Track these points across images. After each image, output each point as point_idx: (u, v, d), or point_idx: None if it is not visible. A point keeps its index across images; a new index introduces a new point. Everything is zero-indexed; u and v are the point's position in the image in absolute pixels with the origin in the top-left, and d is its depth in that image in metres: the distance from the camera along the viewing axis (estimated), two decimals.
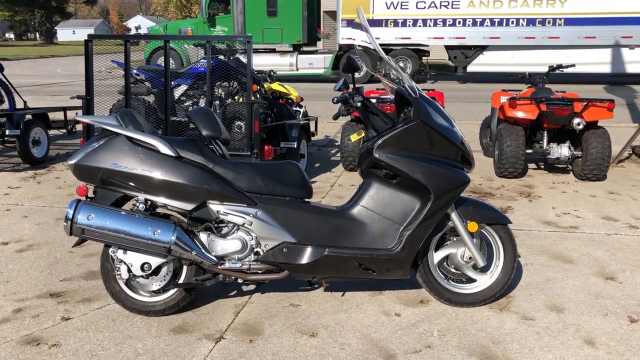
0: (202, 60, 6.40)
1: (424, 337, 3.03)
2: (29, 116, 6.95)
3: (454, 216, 3.22)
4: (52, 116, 7.57)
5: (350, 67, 3.29)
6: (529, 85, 7.05)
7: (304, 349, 2.91)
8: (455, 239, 3.35)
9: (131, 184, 3.02)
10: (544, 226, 4.82)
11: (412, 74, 6.77)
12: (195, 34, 17.44)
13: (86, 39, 5.67)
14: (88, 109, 5.69)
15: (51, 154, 7.47)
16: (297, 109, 7.64)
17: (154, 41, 17.33)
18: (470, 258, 3.31)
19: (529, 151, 6.49)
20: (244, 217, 3.07)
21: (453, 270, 3.39)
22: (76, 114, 8.02)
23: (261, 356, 2.84)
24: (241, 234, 3.12)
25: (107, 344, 2.94)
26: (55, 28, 76.94)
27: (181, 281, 3.17)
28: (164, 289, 3.17)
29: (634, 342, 2.98)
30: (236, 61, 6.25)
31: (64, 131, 8.16)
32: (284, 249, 3.11)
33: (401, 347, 2.92)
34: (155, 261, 3.08)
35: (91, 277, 3.76)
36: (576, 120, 6.06)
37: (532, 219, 5.00)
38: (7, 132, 6.52)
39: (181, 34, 17.88)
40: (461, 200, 3.30)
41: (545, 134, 6.49)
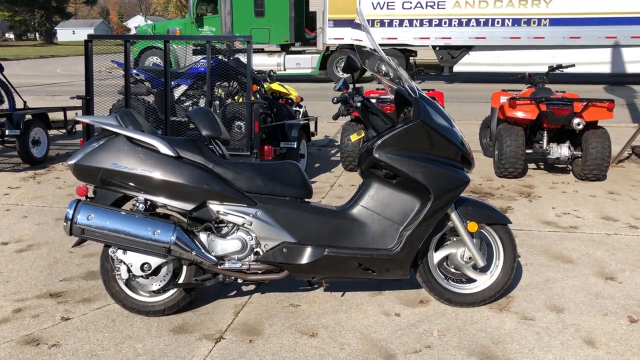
0: (202, 61, 6.40)
1: (423, 337, 3.03)
2: (28, 116, 6.95)
3: (453, 216, 3.22)
4: (52, 116, 7.57)
5: (350, 67, 3.29)
6: (529, 85, 7.05)
7: (304, 349, 2.91)
8: (455, 239, 3.34)
9: (131, 184, 3.02)
10: (544, 226, 4.82)
11: (411, 74, 6.77)
12: (183, 34, 17.44)
13: (86, 39, 5.68)
14: (88, 109, 5.69)
15: (51, 154, 7.46)
16: (297, 109, 7.63)
17: (142, 41, 17.32)
18: (470, 258, 3.31)
19: (528, 151, 6.49)
20: (243, 217, 3.07)
21: (453, 271, 3.39)
22: (76, 114, 8.02)
23: (261, 356, 2.84)
24: (241, 234, 3.12)
25: (107, 344, 2.94)
26: (55, 28, 76.94)
27: (181, 281, 3.17)
28: (163, 289, 3.17)
29: (633, 342, 2.98)
30: (236, 61, 6.25)
31: (64, 131, 8.17)
32: (284, 249, 3.11)
33: (401, 347, 2.92)
34: (155, 261, 3.08)
35: (91, 277, 3.76)
36: (576, 120, 6.06)
37: (532, 219, 5.00)
38: (7, 132, 6.52)
39: (169, 34, 17.88)
40: (461, 200, 3.30)
41: (545, 134, 6.49)
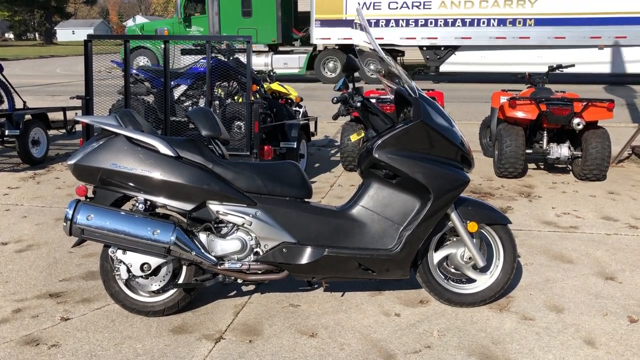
0: (201, 61, 6.40)
1: (423, 337, 3.03)
2: (28, 116, 6.95)
3: (453, 216, 3.22)
4: (52, 116, 7.57)
5: (350, 67, 3.29)
6: (529, 85, 7.05)
7: (304, 349, 2.91)
8: (455, 239, 3.34)
9: (131, 184, 3.01)
10: (544, 226, 4.82)
11: (411, 74, 6.77)
12: (171, 34, 17.47)
13: (86, 39, 5.67)
14: (87, 109, 5.68)
15: (51, 154, 7.46)
16: (297, 109, 7.63)
17: (130, 41, 17.25)
18: (470, 258, 3.30)
19: (528, 151, 6.49)
20: (243, 217, 3.07)
21: (453, 271, 3.39)
22: (76, 114, 8.02)
23: (261, 356, 2.84)
24: (241, 234, 3.12)
25: (107, 344, 2.94)
26: (55, 28, 76.92)
27: (181, 281, 3.17)
28: (163, 289, 3.17)
29: (633, 342, 2.98)
30: (235, 61, 6.25)
31: (64, 131, 8.16)
32: (284, 249, 3.10)
33: (401, 347, 2.92)
34: (154, 261, 3.08)
35: (90, 277, 3.76)
36: (576, 120, 6.06)
37: (532, 219, 5.00)
38: (7, 132, 6.52)
39: (157, 33, 17.92)
40: (461, 200, 3.29)
41: (545, 134, 6.49)
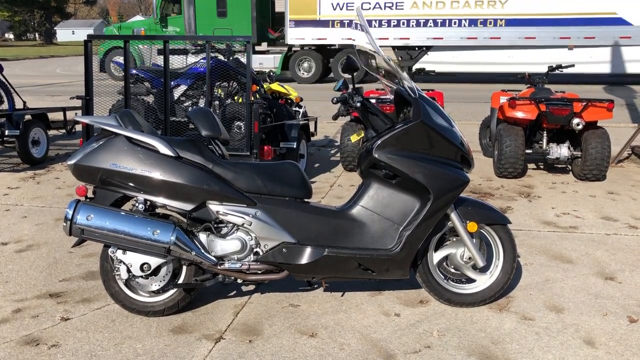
0: (201, 61, 6.41)
1: (423, 337, 3.03)
2: (28, 116, 6.95)
3: (453, 216, 3.22)
4: (52, 116, 7.57)
5: (350, 67, 3.29)
6: (529, 85, 7.06)
7: (304, 349, 2.91)
8: (454, 239, 3.34)
9: (130, 184, 3.01)
10: (544, 226, 4.82)
11: (412, 74, 6.77)
12: (148, 34, 17.49)
13: (86, 39, 5.68)
14: (87, 109, 5.68)
15: (50, 154, 7.46)
16: (297, 109, 7.63)
17: (107, 41, 17.33)
18: (469, 258, 3.31)
19: (528, 151, 6.49)
20: (243, 217, 3.07)
21: (453, 271, 3.39)
22: (75, 114, 8.02)
23: (260, 356, 2.84)
24: (241, 234, 3.12)
25: (107, 344, 2.94)
26: (55, 28, 76.89)
27: (180, 281, 3.17)
28: (163, 289, 3.17)
29: (633, 342, 2.98)
30: (235, 61, 6.25)
31: (64, 131, 8.16)
32: (284, 249, 3.10)
33: (401, 347, 2.92)
34: (154, 261, 3.08)
35: (90, 277, 3.76)
36: (576, 121, 6.06)
37: (532, 219, 5.00)
38: (7, 132, 6.52)
39: (134, 34, 17.99)
40: (461, 200, 3.29)
41: (545, 134, 6.49)
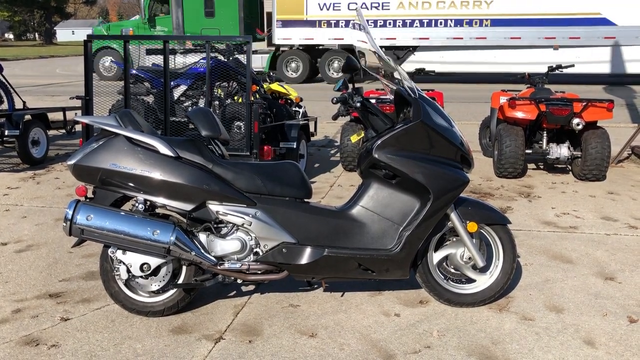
0: (201, 61, 6.40)
1: (423, 337, 3.03)
2: (28, 116, 6.95)
3: (453, 216, 3.22)
4: (52, 116, 7.56)
5: (350, 67, 3.29)
6: (529, 85, 7.06)
7: (304, 349, 2.91)
8: (454, 239, 3.34)
9: (130, 184, 3.01)
10: (544, 226, 4.82)
11: (411, 74, 6.77)
12: (136, 34, 17.55)
13: (85, 39, 5.67)
14: (87, 109, 5.68)
15: (50, 154, 7.46)
16: (297, 109, 7.63)
17: (96, 41, 17.37)
18: (469, 258, 3.30)
19: (528, 151, 6.49)
20: (243, 218, 3.07)
21: (452, 271, 3.39)
22: (75, 114, 8.02)
23: (260, 357, 2.84)
24: (240, 234, 3.12)
25: (106, 344, 2.94)
26: (55, 28, 76.90)
27: (180, 281, 3.17)
28: (163, 290, 3.17)
29: (633, 342, 2.98)
30: (235, 61, 6.25)
31: (63, 131, 8.16)
32: (284, 249, 3.10)
33: (401, 348, 2.92)
34: (154, 261, 3.08)
35: (90, 277, 3.76)
36: (575, 121, 6.06)
37: (532, 219, 5.00)
38: (7, 132, 6.52)
39: (122, 34, 18.03)
40: (460, 200, 3.29)
41: (545, 134, 6.49)
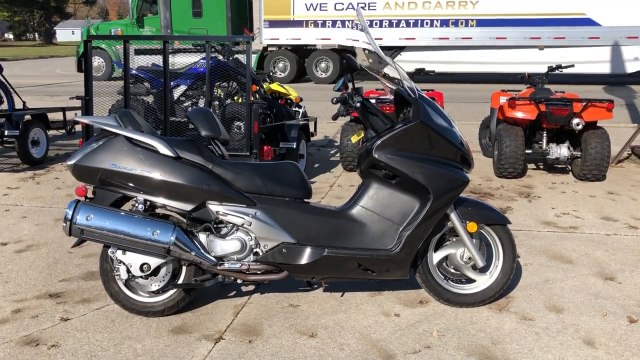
0: (201, 61, 6.41)
1: (423, 337, 3.03)
2: (28, 116, 6.94)
3: (453, 216, 3.22)
4: (51, 116, 7.56)
5: (350, 67, 3.29)
6: (529, 85, 7.06)
7: (303, 349, 2.91)
8: (454, 239, 3.34)
9: (130, 184, 3.01)
10: (544, 226, 4.82)
11: (411, 74, 6.77)
12: (125, 34, 17.59)
13: (86, 39, 5.67)
14: (87, 109, 5.68)
15: (50, 154, 7.46)
16: (296, 109, 7.63)
17: (81, 42, 17.43)
18: (469, 258, 3.30)
19: (528, 151, 6.49)
20: (243, 218, 3.07)
21: (452, 271, 3.39)
22: (75, 114, 8.02)
23: (260, 357, 2.84)
24: (240, 234, 3.12)
25: (106, 344, 2.94)
26: (54, 28, 76.92)
27: (180, 282, 3.17)
28: (163, 290, 3.17)
29: (633, 343, 2.98)
30: (235, 61, 6.25)
31: (63, 131, 8.16)
32: (283, 250, 3.10)
33: (400, 348, 2.92)
34: (154, 262, 3.08)
35: (90, 277, 3.76)
36: (575, 121, 6.06)
37: (532, 219, 5.00)
38: (6, 132, 6.52)
39: (111, 34, 18.14)
40: (460, 200, 3.29)
41: (545, 134, 6.49)
